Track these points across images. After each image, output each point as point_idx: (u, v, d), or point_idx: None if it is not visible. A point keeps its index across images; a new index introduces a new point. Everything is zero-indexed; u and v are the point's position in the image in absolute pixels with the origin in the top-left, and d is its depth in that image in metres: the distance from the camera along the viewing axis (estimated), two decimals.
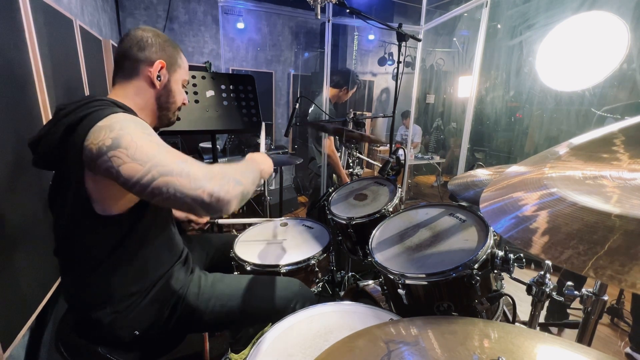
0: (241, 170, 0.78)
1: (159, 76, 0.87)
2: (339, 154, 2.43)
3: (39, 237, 1.07)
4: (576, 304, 0.69)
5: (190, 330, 0.99)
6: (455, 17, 2.94)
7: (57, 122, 0.74)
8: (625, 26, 1.42)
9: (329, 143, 2.40)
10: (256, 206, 3.16)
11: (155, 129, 0.95)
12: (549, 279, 0.74)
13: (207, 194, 0.64)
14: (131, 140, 0.67)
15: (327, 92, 2.75)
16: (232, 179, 0.70)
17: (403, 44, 1.62)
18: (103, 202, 0.75)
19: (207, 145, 3.72)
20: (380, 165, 1.52)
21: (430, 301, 0.88)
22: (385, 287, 1.01)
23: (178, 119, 1.02)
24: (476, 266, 0.79)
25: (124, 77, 0.86)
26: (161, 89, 0.90)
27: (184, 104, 0.99)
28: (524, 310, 0.92)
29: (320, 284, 1.30)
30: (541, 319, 1.11)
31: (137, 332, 0.87)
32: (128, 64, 0.85)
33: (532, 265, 2.41)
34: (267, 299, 1.01)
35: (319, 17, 1.53)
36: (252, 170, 0.84)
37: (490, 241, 0.84)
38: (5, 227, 0.90)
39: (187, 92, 1.05)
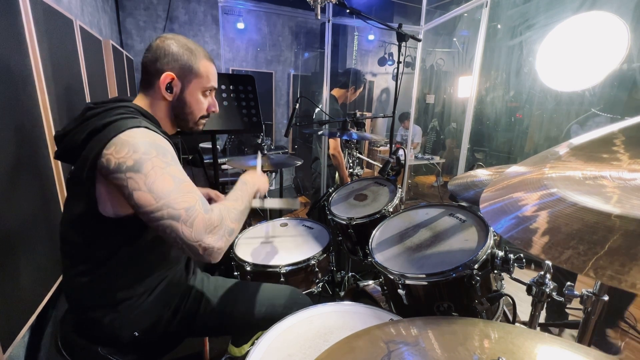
0: (239, 210, 0.83)
1: (168, 88, 0.86)
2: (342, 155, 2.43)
3: (39, 236, 1.07)
4: (576, 304, 0.69)
5: (191, 333, 0.99)
6: (455, 17, 2.94)
7: (84, 122, 0.77)
8: (625, 26, 1.42)
9: (335, 144, 2.39)
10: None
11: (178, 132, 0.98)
12: (549, 279, 0.74)
13: (203, 248, 0.70)
14: (152, 169, 0.70)
15: (326, 92, 2.74)
16: (227, 230, 0.76)
17: (403, 44, 1.62)
18: (113, 204, 0.76)
19: (207, 145, 3.72)
20: (381, 166, 1.52)
21: (430, 301, 0.88)
22: (385, 287, 1.01)
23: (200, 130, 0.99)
24: (476, 266, 0.79)
25: (143, 88, 0.88)
26: (174, 101, 0.89)
27: (213, 111, 0.97)
28: (524, 310, 0.92)
29: (320, 284, 1.30)
30: (541, 319, 1.11)
31: (136, 334, 0.87)
32: (145, 76, 0.87)
33: (532, 265, 2.41)
34: (267, 306, 1.01)
35: (319, 17, 1.53)
36: (249, 201, 0.90)
37: (490, 241, 0.84)
38: (5, 227, 0.90)
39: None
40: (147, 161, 0.70)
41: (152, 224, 0.71)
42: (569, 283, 0.71)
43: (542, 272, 0.74)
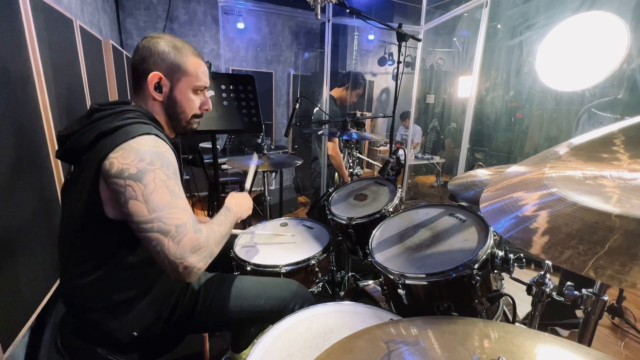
0: (222, 234, 0.84)
1: (157, 88, 0.85)
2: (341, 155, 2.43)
3: (39, 237, 1.07)
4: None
5: (190, 330, 0.99)
6: (455, 17, 2.94)
7: (91, 124, 0.77)
8: (625, 26, 1.42)
9: (332, 145, 2.39)
10: (256, 206, 3.15)
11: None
12: (549, 279, 0.74)
13: (183, 267, 0.71)
14: (152, 180, 0.70)
15: (326, 92, 2.74)
16: (209, 253, 0.77)
17: (403, 44, 1.62)
18: (113, 207, 0.75)
19: (207, 145, 3.72)
20: (381, 166, 1.52)
21: (430, 301, 0.88)
22: (385, 287, 1.01)
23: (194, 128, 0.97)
24: (476, 266, 0.79)
25: (134, 91, 0.88)
26: (165, 100, 0.87)
27: (206, 109, 0.96)
28: (524, 310, 0.92)
29: (320, 284, 1.30)
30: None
31: (135, 333, 0.87)
32: (135, 78, 0.86)
33: (532, 265, 2.41)
34: (266, 300, 1.01)
35: (319, 17, 1.53)
36: (230, 227, 0.91)
37: (490, 241, 0.84)
38: (5, 227, 0.90)
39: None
40: (150, 172, 0.71)
41: (139, 234, 0.71)
42: (568, 283, 0.71)
43: (542, 272, 0.74)
